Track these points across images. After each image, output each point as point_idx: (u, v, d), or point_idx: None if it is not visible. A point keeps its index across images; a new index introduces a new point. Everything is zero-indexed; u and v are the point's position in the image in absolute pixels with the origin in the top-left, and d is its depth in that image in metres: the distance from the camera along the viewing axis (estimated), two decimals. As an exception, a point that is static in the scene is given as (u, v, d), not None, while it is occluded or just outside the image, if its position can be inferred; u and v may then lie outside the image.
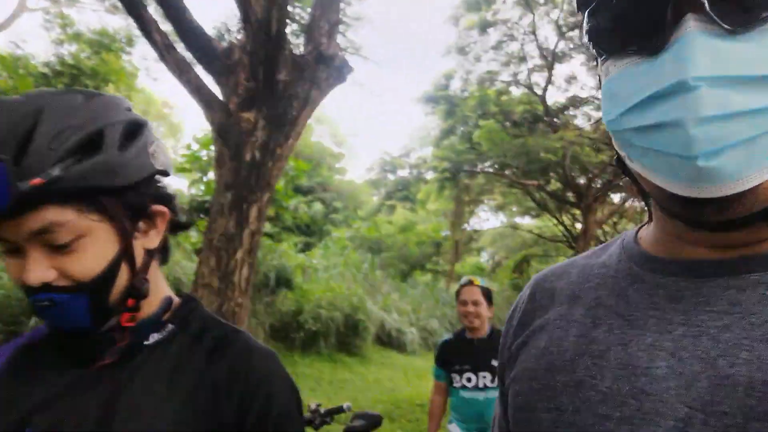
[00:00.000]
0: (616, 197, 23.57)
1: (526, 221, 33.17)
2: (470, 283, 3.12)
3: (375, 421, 2.96)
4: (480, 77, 18.86)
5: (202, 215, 11.58)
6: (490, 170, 19.02)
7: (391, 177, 19.52)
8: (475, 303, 3.02)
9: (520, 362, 0.70)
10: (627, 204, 24.95)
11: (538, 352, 0.67)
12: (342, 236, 17.50)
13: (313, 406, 2.76)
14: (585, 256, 0.76)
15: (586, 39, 0.62)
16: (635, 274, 0.65)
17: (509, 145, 15.42)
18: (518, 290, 23.06)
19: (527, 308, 0.75)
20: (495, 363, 2.91)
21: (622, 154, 0.61)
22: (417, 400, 7.03)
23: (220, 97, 5.25)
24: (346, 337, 9.98)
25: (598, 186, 18.80)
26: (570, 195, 21.04)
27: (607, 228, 28.24)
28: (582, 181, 19.49)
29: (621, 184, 20.69)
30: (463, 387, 3.02)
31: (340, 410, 2.89)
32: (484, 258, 36.45)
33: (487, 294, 3.09)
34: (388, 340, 11.72)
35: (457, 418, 3.11)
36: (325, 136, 31.87)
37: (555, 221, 26.22)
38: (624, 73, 0.56)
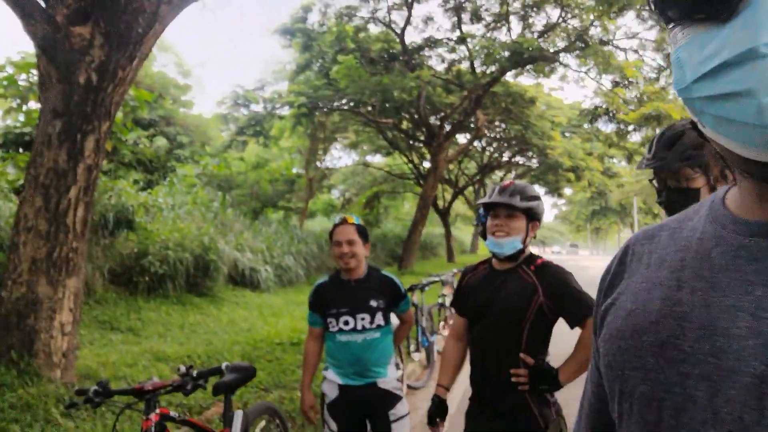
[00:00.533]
0: (462, 138, 24.80)
1: (376, 159, 33.90)
2: (344, 221, 2.93)
3: (249, 374, 2.75)
4: (338, 12, 18.32)
5: (21, 149, 10.11)
6: (347, 107, 18.85)
7: (243, 112, 18.50)
8: (350, 242, 2.85)
9: (608, 323, 0.74)
10: (471, 145, 26.36)
11: (625, 313, 0.71)
12: (189, 173, 16.41)
13: (183, 369, 2.45)
14: (677, 218, 0.77)
15: (653, 6, 0.61)
16: (719, 236, 0.66)
17: (366, 82, 15.30)
18: (369, 225, 23.60)
19: (617, 270, 0.78)
20: (374, 303, 2.90)
21: (695, 119, 0.61)
22: (275, 338, 6.91)
23: (43, 4, 4.40)
24: (196, 278, 9.49)
25: (449, 126, 19.51)
26: (421, 134, 21.66)
27: (452, 167, 29.82)
28: (434, 121, 20.07)
29: (468, 124, 21.73)
30: (341, 330, 2.88)
31: (216, 371, 2.62)
32: (335, 195, 36.81)
33: (362, 232, 2.94)
34: (242, 280, 11.38)
35: (333, 363, 2.96)
36: (170, 65, 29.23)
37: (405, 159, 27.07)
38: (693, 42, 0.56)
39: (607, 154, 25.96)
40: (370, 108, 18.94)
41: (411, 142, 23.77)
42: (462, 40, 17.81)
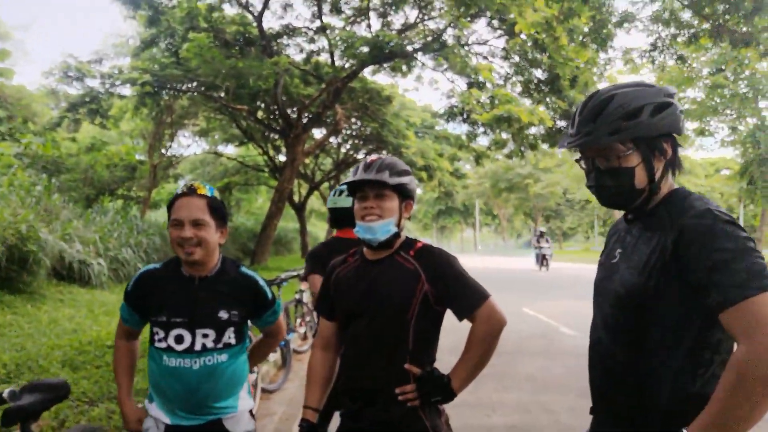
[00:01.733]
0: (318, 133, 24.47)
1: (229, 150, 32.41)
2: (191, 191, 2.11)
3: (58, 393, 2.02)
4: (190, -15, 17.01)
5: None
6: (199, 90, 17.61)
7: (77, 87, 16.44)
8: (197, 223, 2.06)
9: None
10: (328, 141, 26.18)
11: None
12: (6, 152, 14.22)
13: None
14: None
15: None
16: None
17: (220, 64, 14.34)
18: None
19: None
20: (224, 314, 2.16)
21: None
22: (107, 340, 6.03)
23: None
24: (10, 272, 8.12)
25: (306, 119, 19.08)
26: (277, 125, 20.98)
27: (308, 161, 29.37)
28: (291, 112, 19.52)
29: (326, 119, 21.47)
30: (169, 350, 2.08)
31: None
32: (182, 185, 34.63)
33: (218, 209, 2.14)
34: (70, 274, 10.01)
35: (157, 393, 2.16)
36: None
37: (260, 151, 26.12)
38: None
39: (456, 156, 27.22)
40: (223, 93, 17.90)
41: (267, 132, 22.97)
42: (322, 30, 17.46)
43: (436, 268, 1.97)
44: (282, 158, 26.12)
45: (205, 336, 2.10)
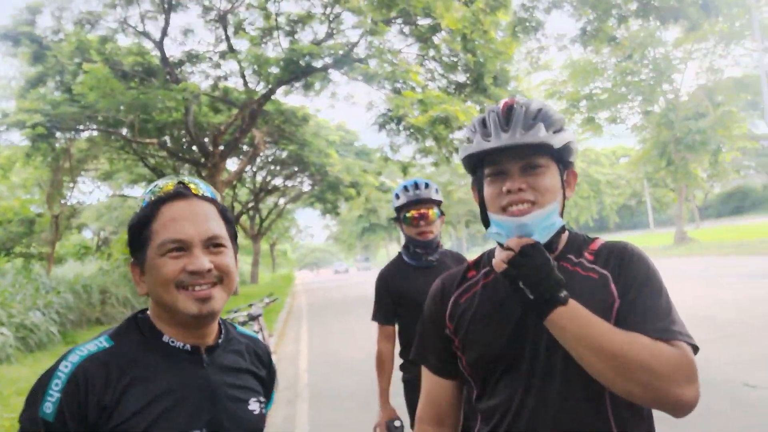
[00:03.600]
0: (231, 163, 23.21)
1: (136, 191, 30.29)
2: (186, 190, 1.20)
3: None
4: (78, 18, 15.58)
5: None
6: (99, 128, 16.07)
7: (-48, 135, 14.47)
8: (214, 244, 1.17)
9: None
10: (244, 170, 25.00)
11: None
12: None
13: None
14: None
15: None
16: None
17: (122, 96, 13.04)
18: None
19: None
20: (255, 407, 1.25)
21: None
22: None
23: None
24: None
25: (222, 147, 17.94)
26: (190, 156, 19.66)
27: (225, 192, 27.93)
28: (206, 140, 18.30)
29: (241, 146, 20.38)
30: None
31: None
32: (88, 235, 32.09)
33: (231, 222, 1.24)
34: (-33, 352, 8.47)
35: None
36: None
37: (172, 188, 24.44)
38: None
39: (380, 171, 26.82)
40: (126, 130, 16.44)
41: (178, 166, 21.53)
42: (230, 51, 16.49)
43: (628, 273, 1.23)
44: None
45: None
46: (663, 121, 22.85)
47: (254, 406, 1.26)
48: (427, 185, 2.73)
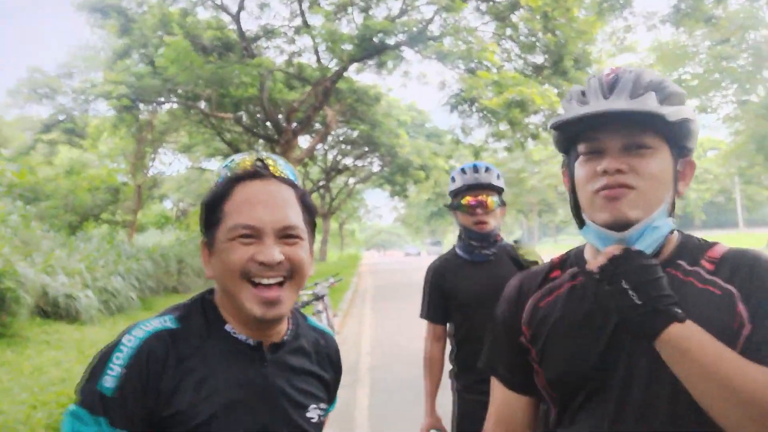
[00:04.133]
0: (303, 141, 23.47)
1: (213, 165, 31.28)
2: (264, 168, 1.09)
3: None
4: (160, -10, 16.05)
5: None
6: (179, 101, 16.59)
7: (47, 104, 15.26)
8: (289, 234, 1.06)
9: None
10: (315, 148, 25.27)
11: None
12: (-24, 182, 13.15)
13: None
14: None
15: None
16: None
17: (201, 70, 13.36)
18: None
19: None
20: (314, 415, 1.15)
21: None
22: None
23: None
24: (-14, 313, 7.11)
25: (295, 124, 18.13)
26: (264, 132, 20.03)
27: (297, 170, 28.37)
28: (280, 116, 18.56)
29: (313, 123, 20.55)
30: None
31: None
32: (168, 205, 33.52)
33: (311, 210, 1.13)
34: (55, 311, 8.98)
35: None
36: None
37: (247, 164, 25.06)
38: None
39: (451, 154, 26.40)
40: (204, 104, 16.90)
41: (253, 142, 22.03)
42: (305, 26, 16.54)
43: (763, 292, 0.97)
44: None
45: None
46: (762, 112, 20.96)
47: (313, 413, 1.14)
48: (488, 169, 2.40)
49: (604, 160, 0.99)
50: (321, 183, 31.55)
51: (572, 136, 1.07)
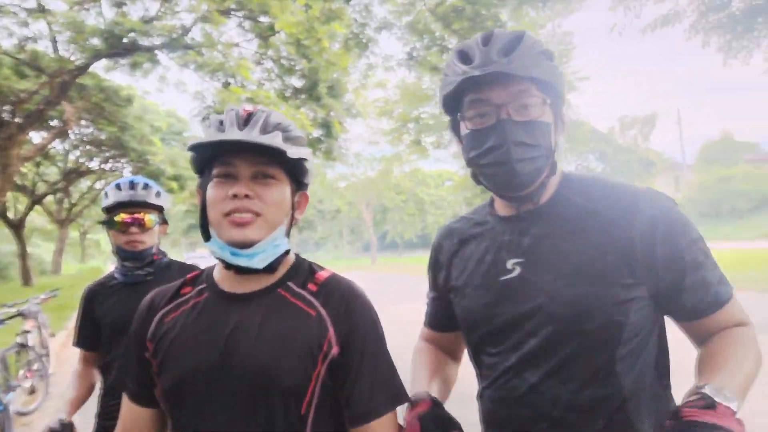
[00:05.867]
0: (37, 137, 20.67)
1: None
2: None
3: None
4: None
5: None
6: None
7: None
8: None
9: None
10: (52, 145, 22.45)
11: None
12: None
13: None
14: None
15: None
16: None
17: None
18: None
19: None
20: None
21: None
22: None
23: None
24: None
25: (23, 117, 15.88)
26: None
27: (27, 169, 24.70)
28: (5, 107, 16.08)
29: (48, 119, 18.22)
30: None
31: None
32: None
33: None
34: None
35: None
36: None
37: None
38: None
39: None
40: None
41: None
42: (39, 10, 14.68)
43: (352, 322, 1.17)
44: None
45: None
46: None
47: None
48: (146, 186, 2.27)
49: (235, 185, 1.12)
50: (59, 185, 27.99)
51: (208, 158, 1.18)
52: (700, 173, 46.42)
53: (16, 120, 15.42)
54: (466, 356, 1.45)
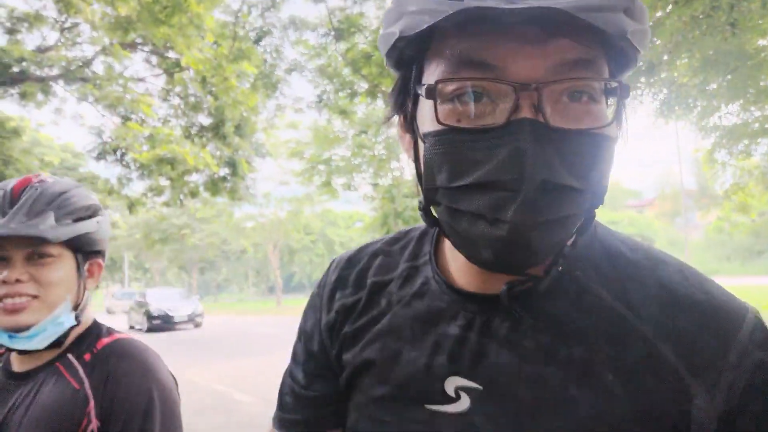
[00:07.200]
0: None
1: None
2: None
3: None
4: None
5: None
6: None
7: None
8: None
9: None
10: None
11: None
12: None
13: None
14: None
15: None
16: None
17: None
18: None
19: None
20: None
21: None
22: None
23: None
24: None
25: None
26: None
27: None
28: None
29: None
30: None
31: None
32: None
33: None
34: None
35: None
36: None
37: None
38: None
39: (105, 203, 24.25)
40: None
41: None
42: None
43: (117, 387, 1.05)
44: None
45: None
46: (387, 195, 25.68)
47: None
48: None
49: (5, 270, 1.03)
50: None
51: None
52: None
53: None
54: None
